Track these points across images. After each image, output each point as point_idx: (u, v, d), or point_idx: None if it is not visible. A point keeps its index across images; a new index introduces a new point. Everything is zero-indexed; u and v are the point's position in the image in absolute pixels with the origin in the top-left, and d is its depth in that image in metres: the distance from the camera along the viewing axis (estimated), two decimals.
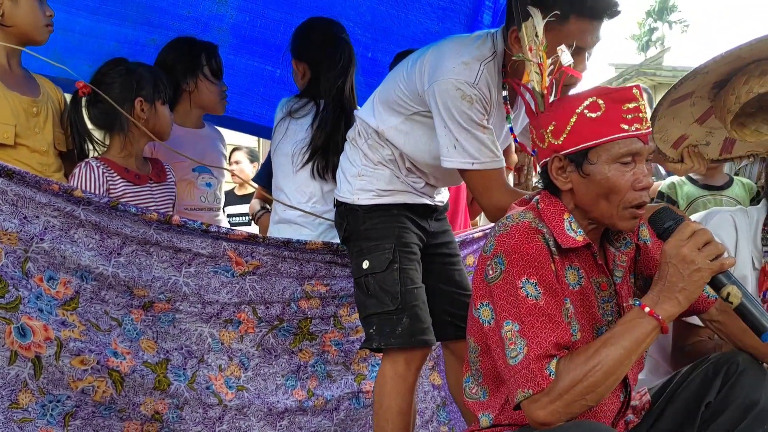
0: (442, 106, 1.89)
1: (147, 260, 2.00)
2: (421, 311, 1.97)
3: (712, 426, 1.61)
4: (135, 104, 2.26)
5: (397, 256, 1.97)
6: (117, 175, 2.24)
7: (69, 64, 2.33)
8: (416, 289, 1.98)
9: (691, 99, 2.07)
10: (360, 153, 2.08)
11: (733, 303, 1.45)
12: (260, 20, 3.05)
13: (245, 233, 2.13)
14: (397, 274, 1.96)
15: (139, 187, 2.29)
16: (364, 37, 3.11)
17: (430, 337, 1.99)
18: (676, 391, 1.69)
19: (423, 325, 1.97)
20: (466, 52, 1.93)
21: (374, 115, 2.06)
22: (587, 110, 1.55)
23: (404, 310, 1.94)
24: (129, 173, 2.28)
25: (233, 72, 2.98)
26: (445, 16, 3.10)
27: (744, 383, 1.60)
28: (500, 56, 1.96)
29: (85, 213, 1.90)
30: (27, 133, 2.17)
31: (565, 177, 1.60)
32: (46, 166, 2.22)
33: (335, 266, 2.26)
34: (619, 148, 1.53)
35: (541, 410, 1.43)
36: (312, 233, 2.43)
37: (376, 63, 3.16)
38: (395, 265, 1.96)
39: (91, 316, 1.92)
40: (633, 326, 1.45)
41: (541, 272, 1.51)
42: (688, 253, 1.43)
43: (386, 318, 1.95)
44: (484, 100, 1.90)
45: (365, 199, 2.03)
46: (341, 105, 2.43)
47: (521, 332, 1.47)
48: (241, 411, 2.11)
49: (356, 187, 2.04)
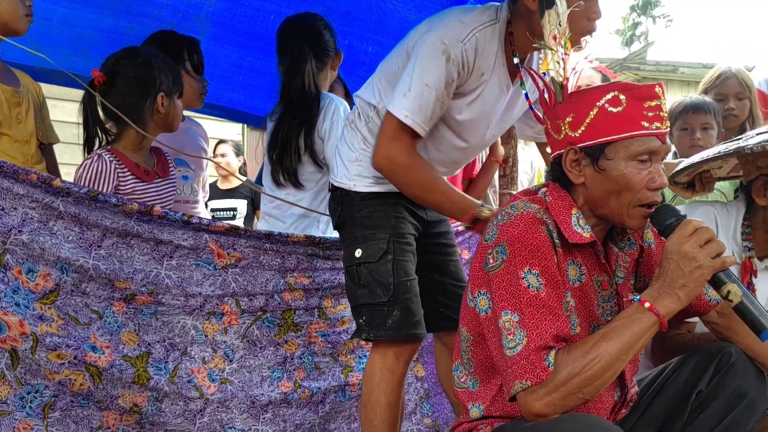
0: (422, 54, 1.85)
1: (128, 253, 1.96)
2: (413, 304, 1.94)
3: (701, 415, 1.61)
4: (157, 99, 2.24)
5: (392, 247, 1.92)
6: (128, 170, 2.20)
7: (47, 52, 2.29)
8: (409, 281, 1.94)
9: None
10: (359, 136, 2.01)
11: (732, 301, 1.45)
12: (240, 8, 3.02)
13: (227, 225, 2.10)
14: (391, 265, 1.91)
15: (146, 184, 2.25)
16: (341, 26, 3.09)
17: (421, 330, 1.96)
18: (667, 381, 1.69)
19: (414, 318, 1.93)
20: (464, 16, 1.91)
21: (375, 93, 2.01)
22: (608, 104, 1.52)
23: (396, 302, 1.91)
24: (139, 169, 2.24)
25: (213, 61, 2.95)
26: (422, 5, 3.09)
27: (735, 373, 1.61)
28: (503, 24, 1.92)
29: (64, 204, 1.86)
30: (9, 123, 2.15)
31: (578, 170, 1.58)
32: (28, 156, 2.19)
33: (317, 259, 2.24)
34: (638, 146, 1.52)
35: (538, 402, 1.42)
36: (283, 225, 2.45)
37: (351, 49, 3.14)
38: (389, 255, 1.91)
39: (70, 309, 1.88)
40: (632, 321, 1.44)
41: (543, 263, 1.49)
42: (690, 249, 1.43)
43: (377, 309, 1.91)
44: (464, 63, 1.86)
45: (362, 186, 1.97)
46: (298, 105, 2.42)
47: (521, 323, 1.46)
48: (224, 404, 2.08)
49: (353, 173, 1.98)
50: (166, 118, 2.27)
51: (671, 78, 9.95)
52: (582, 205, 1.60)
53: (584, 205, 1.60)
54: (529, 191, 1.71)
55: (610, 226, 1.64)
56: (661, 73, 9.72)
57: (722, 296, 1.46)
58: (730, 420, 1.59)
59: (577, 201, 1.60)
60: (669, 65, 10.18)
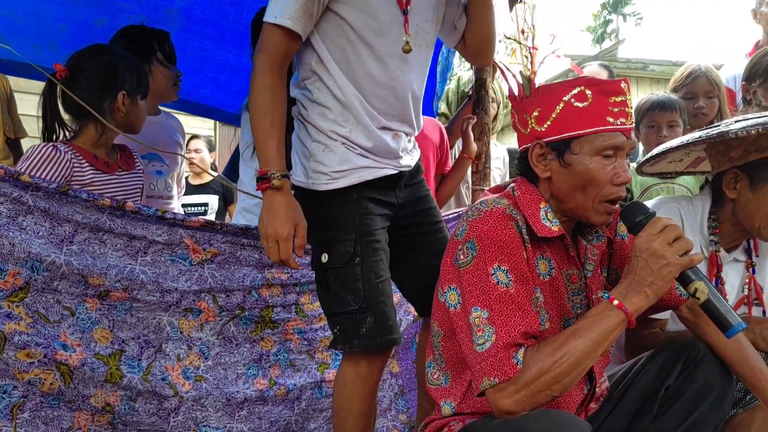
0: None
1: (101, 249, 1.93)
2: (386, 307, 1.84)
3: (670, 410, 1.64)
4: (118, 97, 2.21)
5: (359, 249, 1.80)
6: (86, 161, 2.16)
7: (13, 44, 2.25)
8: (381, 282, 1.83)
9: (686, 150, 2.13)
10: (308, 127, 1.86)
11: (700, 299, 1.47)
12: (212, 1, 2.98)
13: (202, 220, 2.06)
14: (359, 269, 1.80)
15: (107, 176, 2.22)
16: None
17: (396, 335, 1.86)
18: (637, 376, 1.72)
19: (388, 323, 1.84)
20: None
21: (307, 53, 1.86)
22: (574, 99, 1.54)
23: (368, 308, 1.80)
24: (98, 161, 2.21)
25: (184, 54, 2.92)
26: None
27: (703, 369, 1.64)
28: None
29: (34, 199, 1.82)
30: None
31: (544, 165, 1.60)
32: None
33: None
34: (603, 141, 1.54)
35: (507, 399, 1.43)
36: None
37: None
38: (356, 258, 1.80)
39: (40, 307, 1.85)
40: (601, 318, 1.45)
41: (512, 259, 1.50)
42: (659, 247, 1.44)
43: (349, 318, 1.81)
44: None
45: (320, 184, 1.83)
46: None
47: (490, 319, 1.47)
48: (198, 402, 2.06)
49: (310, 170, 1.84)
50: (127, 118, 2.24)
51: (641, 75, 10.08)
52: (548, 199, 1.61)
53: (551, 200, 1.61)
54: (500, 187, 1.72)
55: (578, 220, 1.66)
56: (631, 70, 9.83)
57: (690, 294, 1.48)
58: (698, 414, 1.62)
59: (544, 195, 1.61)
60: (639, 62, 10.30)
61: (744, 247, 2.07)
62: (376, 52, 1.82)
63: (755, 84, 2.93)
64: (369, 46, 1.81)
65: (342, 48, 1.81)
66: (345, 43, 1.80)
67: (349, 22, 1.79)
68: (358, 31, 1.80)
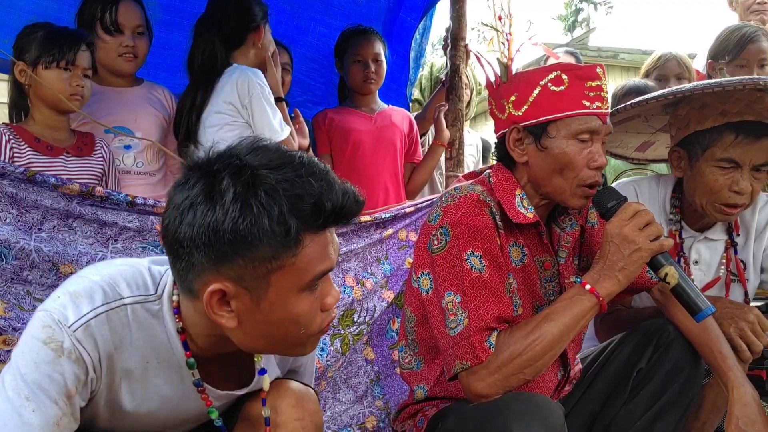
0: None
1: (70, 236, 1.89)
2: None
3: (642, 392, 1.66)
4: (14, 69, 2.17)
5: None
6: (25, 143, 2.14)
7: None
8: None
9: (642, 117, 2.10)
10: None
11: (670, 283, 1.49)
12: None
13: None
14: None
15: (49, 158, 2.17)
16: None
17: None
18: (609, 359, 1.74)
19: None
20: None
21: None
22: (551, 84, 1.56)
23: None
24: (40, 143, 2.17)
25: (166, 48, 2.88)
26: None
27: (674, 350, 1.66)
28: None
29: (0, 185, 1.78)
30: None
31: (522, 149, 1.60)
32: None
33: None
34: (579, 125, 1.55)
35: (479, 382, 1.44)
36: None
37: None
38: None
39: (11, 297, 1.81)
40: (573, 303, 1.47)
41: (486, 245, 1.51)
42: (629, 233, 1.46)
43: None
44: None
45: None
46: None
47: (462, 303, 1.47)
48: None
49: None
50: (33, 91, 2.18)
51: (612, 63, 10.16)
52: (525, 184, 1.62)
53: (527, 184, 1.62)
54: (475, 173, 1.73)
55: (553, 206, 1.67)
56: (602, 58, 9.90)
57: (660, 278, 1.50)
58: (668, 396, 1.64)
59: (520, 181, 1.62)
60: (610, 51, 10.39)
61: (724, 227, 2.05)
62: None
63: (723, 61, 2.95)
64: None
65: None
66: None
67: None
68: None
